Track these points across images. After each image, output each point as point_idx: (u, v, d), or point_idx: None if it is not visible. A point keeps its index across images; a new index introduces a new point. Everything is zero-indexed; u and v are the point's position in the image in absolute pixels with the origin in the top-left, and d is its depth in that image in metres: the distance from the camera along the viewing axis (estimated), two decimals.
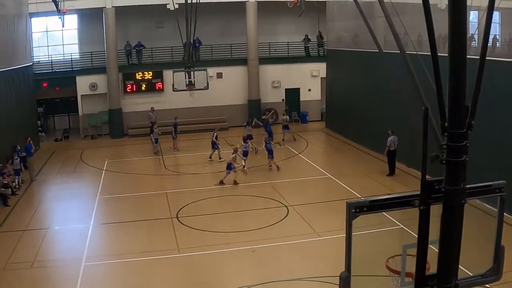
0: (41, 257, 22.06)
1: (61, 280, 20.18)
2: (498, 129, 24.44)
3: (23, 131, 36.97)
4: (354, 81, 41.58)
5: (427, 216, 6.21)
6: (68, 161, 38.65)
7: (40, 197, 30.80)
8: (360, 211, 6.04)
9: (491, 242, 7.05)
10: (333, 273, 6.50)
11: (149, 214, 26.52)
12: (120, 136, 46.90)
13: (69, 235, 24.84)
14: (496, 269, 7.08)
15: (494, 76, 23.14)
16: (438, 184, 6.12)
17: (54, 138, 46.97)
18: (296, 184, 31.39)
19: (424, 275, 6.42)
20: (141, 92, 47.99)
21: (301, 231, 23.78)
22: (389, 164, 31.82)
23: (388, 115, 35.05)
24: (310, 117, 51.55)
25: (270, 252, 21.74)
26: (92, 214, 27.14)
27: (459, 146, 5.94)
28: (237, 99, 50.12)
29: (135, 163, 38.21)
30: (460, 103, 5.87)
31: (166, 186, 31.53)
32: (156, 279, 19.82)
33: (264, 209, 26.78)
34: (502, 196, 6.80)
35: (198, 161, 36.29)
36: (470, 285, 7.09)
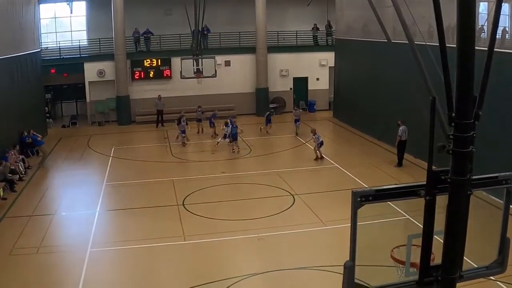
0: (47, 243, 22.13)
1: (67, 266, 20.22)
2: (506, 120, 24.37)
3: (30, 118, 37.04)
4: (363, 71, 41.46)
5: (433, 207, 6.19)
6: (75, 147, 38.70)
7: (47, 183, 30.87)
8: (366, 200, 6.02)
9: (496, 234, 7.03)
10: (338, 262, 6.51)
11: (155, 201, 26.55)
12: (127, 123, 46.91)
13: (76, 221, 24.90)
14: (501, 261, 7.06)
15: (503, 68, 23.05)
16: (444, 175, 6.10)
17: (62, 124, 46.99)
18: (302, 173, 31.36)
19: (429, 265, 6.41)
20: (149, 79, 48.00)
21: (307, 220, 23.78)
22: (398, 154, 31.72)
23: (396, 105, 34.96)
24: (318, 106, 51.47)
25: (276, 240, 21.75)
26: (98, 201, 27.19)
27: (466, 136, 5.92)
28: (245, 87, 50.08)
29: (142, 150, 38.23)
30: (468, 93, 5.84)
31: (173, 173, 31.54)
32: (162, 266, 19.85)
33: (270, 198, 26.78)
34: (508, 187, 6.77)
35: (205, 149, 36.28)
36: (475, 276, 7.07)
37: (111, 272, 19.88)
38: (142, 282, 18.90)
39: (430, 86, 6.29)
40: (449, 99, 5.89)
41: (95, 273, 19.56)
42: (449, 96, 5.89)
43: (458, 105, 5.86)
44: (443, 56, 5.85)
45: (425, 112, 6.25)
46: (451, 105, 5.89)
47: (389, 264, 10.47)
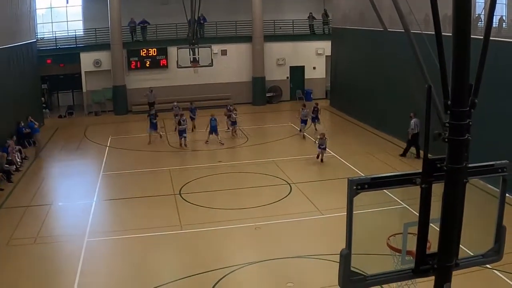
0: (45, 233, 22.13)
1: (64, 256, 20.25)
2: (502, 109, 24.40)
3: (27, 108, 36.97)
4: (359, 60, 41.44)
5: (429, 195, 6.20)
6: (71, 137, 38.66)
7: (44, 173, 30.87)
8: (362, 188, 6.03)
9: (492, 223, 7.05)
10: (335, 251, 6.52)
11: (152, 190, 26.54)
12: (124, 112, 46.88)
13: (72, 211, 24.90)
14: (497, 249, 7.08)
15: (499, 57, 23.04)
16: (440, 163, 6.11)
17: (58, 114, 46.95)
18: (299, 162, 31.37)
19: (425, 253, 6.43)
20: (145, 68, 47.97)
21: (304, 209, 23.81)
22: (408, 145, 31.24)
23: (393, 93, 35.00)
24: (315, 95, 51.42)
25: (273, 229, 21.77)
26: (95, 190, 27.20)
27: (462, 124, 5.92)
28: (242, 77, 50.05)
29: (139, 139, 38.15)
30: (464, 81, 5.85)
31: (169, 163, 31.54)
32: (159, 255, 19.87)
33: (267, 187, 26.80)
34: (504, 176, 6.79)
35: (201, 138, 36.23)
36: (471, 264, 7.09)
37: (108, 261, 19.90)
38: (139, 271, 18.91)
39: (426, 75, 6.27)
40: (445, 87, 5.89)
41: (92, 263, 19.59)
42: (445, 84, 5.89)
43: (454, 93, 5.87)
44: (439, 45, 5.84)
45: (421, 100, 6.24)
46: (447, 93, 5.90)
47: (385, 252, 10.46)
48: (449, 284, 6.47)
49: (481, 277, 17.01)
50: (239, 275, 18.44)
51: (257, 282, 18.31)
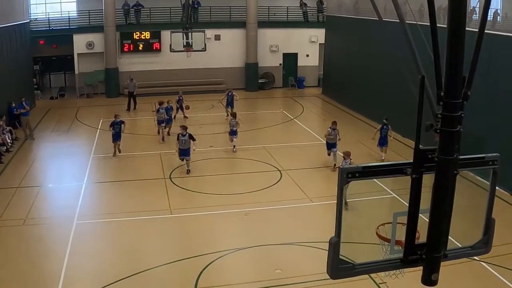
0: (34, 215, 22.11)
1: (53, 238, 20.25)
2: (494, 101, 24.48)
3: (18, 89, 36.78)
4: (353, 49, 41.43)
5: (419, 185, 6.22)
6: (63, 119, 38.57)
7: (34, 155, 30.78)
8: (353, 177, 6.04)
9: (481, 215, 7.07)
10: (324, 238, 6.54)
11: (142, 174, 26.54)
12: (115, 95, 46.77)
13: (62, 193, 24.90)
14: (485, 241, 7.11)
15: (493, 50, 23.10)
16: (432, 153, 6.11)
17: (50, 96, 46.72)
18: (290, 149, 31.39)
19: (414, 243, 6.44)
20: (138, 52, 47.81)
21: (294, 196, 23.87)
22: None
23: (386, 83, 35.01)
24: (307, 82, 51.52)
25: (262, 215, 21.81)
26: (85, 173, 27.18)
27: (454, 116, 5.92)
28: (235, 62, 49.98)
29: (130, 122, 38.03)
30: (457, 73, 5.84)
31: (160, 147, 31.53)
32: (148, 239, 19.89)
33: (258, 173, 26.84)
34: (494, 169, 6.80)
35: (193, 123, 36.20)
36: (459, 256, 7.12)
37: (97, 244, 19.89)
38: (127, 254, 18.92)
39: (419, 65, 6.27)
40: (438, 78, 5.89)
41: (81, 245, 19.59)
42: (439, 75, 5.89)
43: (447, 84, 5.86)
44: (434, 36, 5.84)
45: (414, 90, 6.25)
46: (440, 84, 5.90)
47: (374, 241, 10.49)
48: (437, 275, 6.49)
49: (469, 269, 17.11)
50: (227, 260, 18.49)
51: (245, 267, 18.35)
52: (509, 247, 18.43)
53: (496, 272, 17.26)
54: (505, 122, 24.18)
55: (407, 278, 10.34)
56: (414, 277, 7.47)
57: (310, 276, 16.96)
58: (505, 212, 21.47)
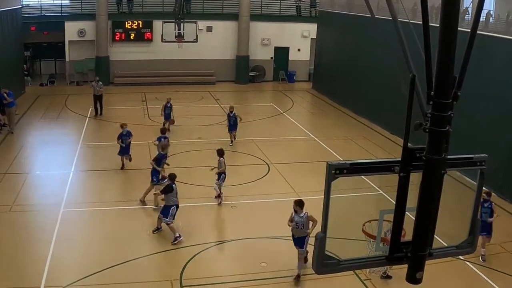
0: (20, 202, 22.07)
1: (40, 225, 20.22)
2: (484, 102, 24.59)
3: (8, 75, 36.60)
4: (344, 44, 41.47)
5: (406, 183, 6.24)
6: (52, 106, 38.45)
7: (22, 141, 30.65)
8: (340, 173, 6.05)
9: (467, 215, 7.11)
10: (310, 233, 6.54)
11: (130, 163, 26.46)
12: (106, 84, 46.47)
13: (50, 181, 24.86)
14: (471, 241, 7.14)
15: (484, 51, 23.17)
16: (420, 152, 6.13)
17: (40, 82, 46.58)
18: (278, 142, 31.42)
19: (399, 241, 6.47)
20: (130, 41, 47.69)
21: (281, 190, 23.90)
22: None
23: (376, 80, 35.09)
24: (298, 77, 51.57)
25: (249, 208, 21.84)
26: (73, 161, 27.14)
27: (443, 115, 5.94)
28: (226, 54, 49.94)
29: (119, 111, 38.02)
30: (448, 73, 5.86)
31: (149, 137, 31.41)
32: (134, 228, 19.87)
33: (246, 166, 26.87)
34: (482, 169, 6.83)
35: (183, 113, 36.14)
36: (445, 255, 7.16)
37: (83, 233, 19.89)
38: (113, 243, 18.93)
39: (410, 64, 6.29)
40: (429, 78, 5.91)
41: (67, 233, 19.57)
42: (429, 75, 5.90)
43: (437, 84, 5.88)
44: (426, 35, 5.85)
45: (404, 88, 6.27)
46: (431, 83, 5.91)
47: (361, 238, 10.59)
48: (422, 273, 6.52)
49: (454, 268, 17.21)
50: (213, 252, 18.54)
51: (231, 260, 18.39)
52: (495, 247, 18.56)
53: (481, 272, 17.35)
54: (494, 123, 24.29)
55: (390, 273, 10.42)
56: (399, 274, 7.52)
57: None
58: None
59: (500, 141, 23.64)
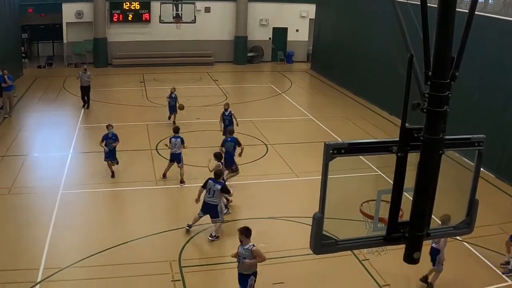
0: (19, 184, 22.08)
1: (38, 207, 20.23)
2: (482, 84, 24.58)
3: (6, 57, 36.44)
4: (343, 25, 41.28)
5: (404, 163, 6.24)
6: (50, 88, 38.35)
7: (20, 124, 30.58)
8: (338, 153, 6.04)
9: (465, 196, 7.11)
10: (308, 213, 6.56)
11: (129, 144, 26.40)
12: (104, 65, 46.52)
13: (48, 163, 24.83)
14: (468, 222, 7.15)
15: (482, 32, 23.11)
16: (417, 132, 6.13)
17: (38, 65, 46.34)
18: (277, 123, 31.41)
19: (397, 221, 6.48)
20: (128, 22, 47.37)
21: (279, 171, 23.92)
22: None
23: (374, 61, 35.00)
24: (296, 57, 51.43)
25: (247, 189, 21.82)
26: (71, 143, 27.11)
27: (441, 96, 5.94)
28: (224, 35, 49.70)
29: (118, 93, 37.98)
30: (446, 53, 5.85)
31: (147, 118, 31.45)
32: (133, 209, 19.90)
33: (244, 146, 26.82)
34: (480, 150, 6.83)
35: (181, 94, 36.13)
36: (442, 235, 7.20)
37: (82, 214, 19.91)
38: (112, 225, 18.99)
39: (408, 44, 6.27)
40: (426, 58, 5.90)
41: (66, 214, 19.60)
42: (427, 55, 5.90)
43: (435, 64, 5.87)
44: (424, 15, 5.84)
45: (401, 69, 6.25)
46: (429, 63, 5.90)
47: (358, 219, 10.56)
48: (419, 253, 6.54)
49: (452, 249, 17.24)
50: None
51: (230, 240, 18.39)
52: (492, 229, 18.60)
53: (479, 252, 17.41)
54: (492, 104, 24.27)
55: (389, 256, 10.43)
56: (396, 255, 7.53)
57: (294, 250, 17.07)
58: (489, 193, 21.61)
59: (497, 122, 23.61)
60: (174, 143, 22.45)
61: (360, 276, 16.19)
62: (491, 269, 16.24)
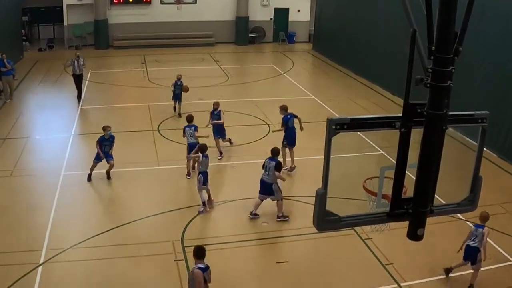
0: (21, 166, 22.08)
1: (40, 189, 20.25)
2: (485, 59, 24.44)
3: (6, 40, 36.35)
4: (345, 5, 41.07)
5: (407, 139, 6.19)
6: (51, 71, 38.28)
7: (22, 106, 30.50)
8: (341, 128, 5.98)
9: (469, 175, 7.07)
10: (311, 193, 6.51)
11: (131, 125, 26.43)
12: (105, 47, 46.43)
13: (50, 145, 24.82)
14: (472, 199, 7.11)
15: (486, 6, 22.95)
16: (421, 108, 6.08)
17: (38, 47, 46.33)
18: (279, 103, 31.10)
19: (400, 198, 6.44)
20: (128, 3, 47.25)
21: None
22: None
23: (377, 40, 34.85)
24: (298, 37, 51.32)
25: (249, 168, 21.75)
26: (73, 124, 27.10)
27: (444, 71, 5.88)
28: (225, 15, 49.54)
29: (119, 74, 37.96)
30: (449, 28, 5.79)
31: (149, 99, 31.41)
32: (135, 190, 19.89)
33: (246, 126, 26.81)
34: (483, 126, 6.78)
35: (183, 75, 36.02)
36: (446, 212, 7.14)
37: (85, 195, 19.92)
38: (114, 206, 19.03)
39: (411, 18, 6.20)
40: (430, 32, 5.84)
41: (68, 196, 19.61)
42: (430, 30, 5.83)
43: (438, 38, 5.81)
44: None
45: (405, 45, 6.19)
46: (432, 38, 5.84)
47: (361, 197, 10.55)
48: (423, 230, 6.50)
49: (455, 228, 17.29)
50: (214, 212, 18.57)
51: (232, 220, 18.41)
52: (494, 208, 18.56)
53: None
54: (494, 79, 24.15)
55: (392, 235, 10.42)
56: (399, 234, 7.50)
57: (296, 230, 17.10)
58: (492, 173, 21.58)
59: (502, 101, 23.46)
60: (189, 132, 21.62)
61: (363, 255, 16.19)
62: (494, 248, 16.21)
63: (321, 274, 15.33)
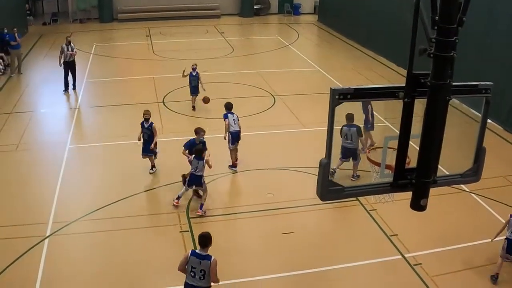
0: (27, 140, 22.09)
1: (46, 162, 20.26)
2: (491, 32, 24.32)
3: (10, 14, 36.26)
4: None
5: (411, 109, 6.20)
6: (55, 45, 38.03)
7: (27, 80, 30.45)
8: (344, 98, 6.00)
9: (472, 146, 7.07)
10: (315, 164, 6.50)
11: (136, 98, 26.39)
12: (109, 20, 46.29)
13: (55, 118, 24.83)
14: (475, 169, 7.13)
15: None
16: (424, 78, 6.08)
17: (42, 22, 46.18)
18: (284, 74, 31.27)
19: (404, 168, 6.45)
20: None
21: (287, 122, 23.86)
22: None
23: (382, 12, 34.63)
24: (303, 9, 51.10)
25: (255, 140, 21.76)
26: (78, 98, 27.10)
27: (448, 41, 5.87)
28: None
29: (124, 47, 37.85)
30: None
31: (154, 71, 31.36)
32: (140, 162, 19.88)
33: (251, 97, 26.77)
34: (487, 97, 6.78)
35: (188, 47, 35.99)
36: (449, 183, 7.15)
37: (90, 168, 19.94)
38: (120, 177, 19.02)
39: None
40: (433, 2, 5.81)
41: (74, 169, 19.67)
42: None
43: (442, 8, 5.79)
44: None
45: (408, 15, 6.17)
46: (435, 8, 5.82)
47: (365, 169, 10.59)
48: (426, 200, 6.53)
49: (459, 200, 17.31)
50: (219, 184, 18.60)
51: (237, 191, 18.52)
52: (499, 180, 18.58)
53: (486, 204, 17.39)
54: (500, 50, 24.00)
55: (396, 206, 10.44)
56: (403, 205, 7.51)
57: (301, 201, 17.12)
58: (496, 145, 21.53)
59: (507, 73, 23.31)
60: (232, 119, 20.01)
61: (368, 226, 16.21)
62: (498, 221, 16.21)
63: (326, 245, 15.37)
